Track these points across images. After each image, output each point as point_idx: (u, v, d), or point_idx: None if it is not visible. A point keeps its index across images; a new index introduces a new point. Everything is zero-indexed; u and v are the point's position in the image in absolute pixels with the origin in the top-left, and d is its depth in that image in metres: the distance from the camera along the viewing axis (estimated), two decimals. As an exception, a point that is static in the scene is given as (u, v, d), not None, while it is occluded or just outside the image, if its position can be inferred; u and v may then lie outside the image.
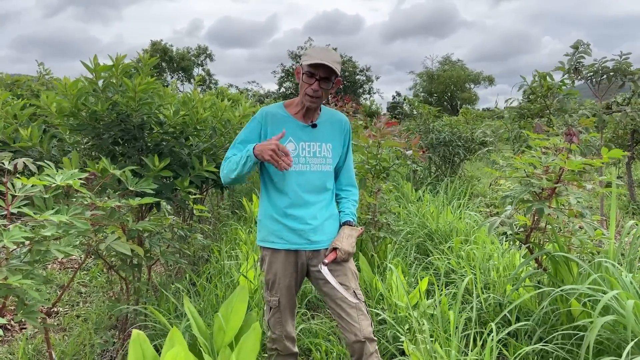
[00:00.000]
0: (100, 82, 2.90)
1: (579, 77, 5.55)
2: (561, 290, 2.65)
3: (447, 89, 46.47)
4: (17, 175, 1.99)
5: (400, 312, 3.23)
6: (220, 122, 3.47)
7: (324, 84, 2.26)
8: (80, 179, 2.07)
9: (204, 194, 4.60)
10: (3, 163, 2.19)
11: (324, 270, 2.30)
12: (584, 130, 4.83)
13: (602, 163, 2.80)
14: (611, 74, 5.26)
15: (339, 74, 2.30)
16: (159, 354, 2.31)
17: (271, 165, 2.29)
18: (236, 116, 3.58)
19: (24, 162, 2.21)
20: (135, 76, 2.87)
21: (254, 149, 2.16)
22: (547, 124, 6.03)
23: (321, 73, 2.24)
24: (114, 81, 2.88)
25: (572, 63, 5.45)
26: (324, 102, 2.44)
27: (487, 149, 8.74)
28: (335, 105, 7.08)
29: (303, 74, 2.28)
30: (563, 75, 5.54)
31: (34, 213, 1.86)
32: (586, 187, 2.81)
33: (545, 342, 2.64)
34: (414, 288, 3.59)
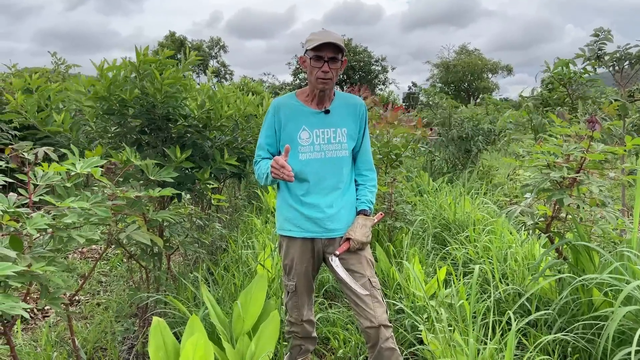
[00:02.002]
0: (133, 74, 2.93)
1: (601, 64, 5.43)
2: (583, 280, 2.62)
3: (464, 78, 45.95)
4: (40, 164, 2.01)
5: (418, 302, 3.22)
6: (243, 117, 3.50)
7: (333, 64, 2.27)
8: (101, 166, 2.09)
9: (222, 184, 4.63)
10: (24, 153, 2.21)
11: (335, 262, 2.32)
12: (607, 118, 4.74)
13: (625, 151, 2.75)
14: (634, 60, 5.14)
15: (344, 51, 2.31)
16: (179, 342, 2.34)
17: (288, 155, 2.33)
18: (260, 113, 3.62)
19: (44, 151, 2.23)
20: (166, 69, 2.89)
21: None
22: (570, 112, 5.92)
23: (328, 53, 2.25)
24: (158, 73, 2.91)
25: (594, 51, 5.33)
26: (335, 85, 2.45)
27: (506, 138, 8.63)
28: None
29: (310, 59, 2.28)
30: (583, 63, 5.41)
31: (55, 201, 1.89)
32: (609, 176, 2.76)
33: (565, 332, 2.62)
34: (432, 278, 3.57)
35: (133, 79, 2.91)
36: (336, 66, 2.29)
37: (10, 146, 2.13)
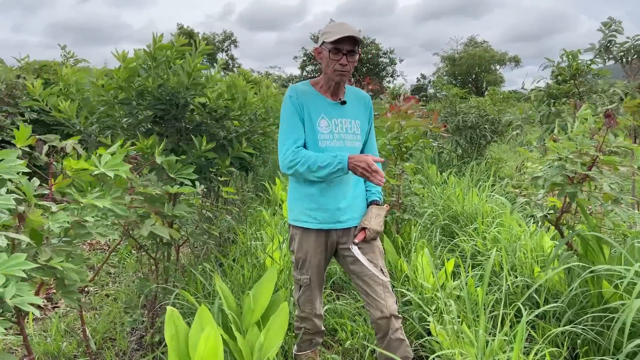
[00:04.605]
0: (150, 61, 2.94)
1: (610, 56, 5.37)
2: (593, 272, 2.60)
3: (470, 70, 45.61)
4: (65, 156, 2.01)
5: (426, 293, 3.22)
6: (264, 107, 3.51)
7: (350, 57, 2.29)
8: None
9: (230, 176, 4.63)
10: (53, 146, 2.21)
11: (355, 249, 2.32)
12: (623, 113, 4.67)
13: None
14: None
15: (363, 43, 2.32)
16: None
17: (307, 139, 2.34)
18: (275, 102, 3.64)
19: (72, 145, 2.23)
20: (188, 58, 2.90)
21: (348, 162, 2.19)
22: (575, 105, 5.87)
23: (347, 46, 2.26)
24: (170, 59, 2.92)
25: (604, 42, 5.26)
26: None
27: (515, 132, 8.56)
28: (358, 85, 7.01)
29: (329, 51, 2.28)
30: (595, 56, 5.36)
31: (79, 196, 1.88)
32: (621, 171, 2.73)
33: (574, 324, 2.61)
34: (440, 270, 3.57)
35: (147, 68, 2.92)
36: (354, 59, 2.31)
37: (37, 136, 2.14)
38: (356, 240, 2.34)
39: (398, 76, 50.60)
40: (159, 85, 2.91)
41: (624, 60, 5.31)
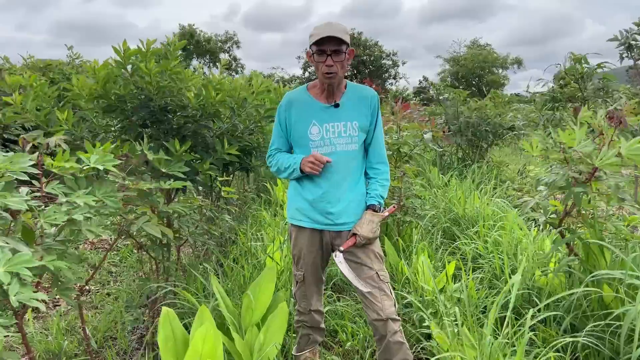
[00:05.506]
0: (129, 67, 2.93)
1: (630, 55, 5.33)
2: (595, 276, 2.59)
3: (474, 72, 45.48)
4: (52, 154, 2.02)
5: (426, 296, 3.21)
6: (238, 101, 3.48)
7: (336, 57, 2.23)
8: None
9: (231, 177, 4.63)
10: (39, 144, 2.22)
11: (339, 257, 2.31)
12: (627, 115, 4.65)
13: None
14: None
15: (348, 42, 2.26)
16: (188, 332, 2.35)
17: (300, 147, 2.42)
18: (251, 94, 3.57)
19: (55, 141, 2.24)
20: (162, 60, 2.90)
21: (300, 164, 2.36)
22: (575, 110, 5.85)
23: (331, 47, 2.21)
24: (143, 66, 2.90)
25: (629, 39, 5.20)
26: (345, 75, 2.40)
27: (514, 132, 8.54)
28: None
29: (313, 54, 2.26)
30: (618, 46, 5.30)
31: (65, 194, 1.88)
32: (622, 173, 2.71)
33: (574, 328, 2.60)
34: (441, 272, 3.56)
35: (124, 74, 2.94)
36: (340, 58, 2.24)
37: (21, 136, 2.14)
38: (342, 248, 2.33)
39: (401, 78, 50.46)
40: (130, 91, 2.93)
41: None
